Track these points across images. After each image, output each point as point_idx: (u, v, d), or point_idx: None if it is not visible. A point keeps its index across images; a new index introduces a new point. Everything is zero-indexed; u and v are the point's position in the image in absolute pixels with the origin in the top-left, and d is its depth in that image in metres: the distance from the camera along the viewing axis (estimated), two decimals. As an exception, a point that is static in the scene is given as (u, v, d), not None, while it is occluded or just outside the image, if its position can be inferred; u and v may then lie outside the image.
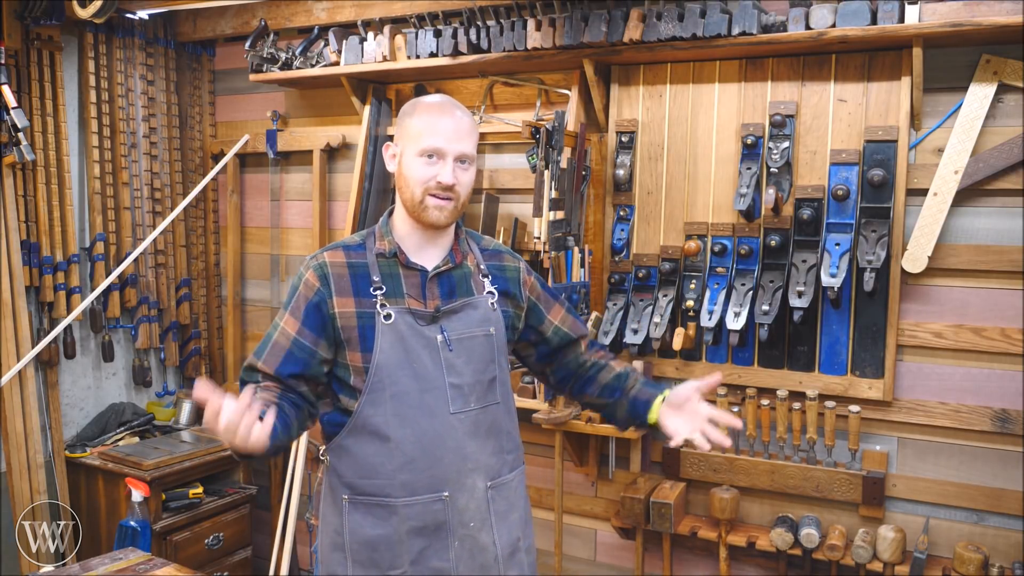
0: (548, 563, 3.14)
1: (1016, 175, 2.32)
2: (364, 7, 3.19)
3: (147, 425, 3.52)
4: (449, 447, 1.66)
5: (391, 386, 1.63)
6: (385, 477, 1.65)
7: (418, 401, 1.64)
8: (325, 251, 1.71)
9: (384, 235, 1.71)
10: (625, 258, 2.82)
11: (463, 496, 1.69)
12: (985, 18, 2.16)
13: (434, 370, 1.66)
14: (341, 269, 1.68)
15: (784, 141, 2.53)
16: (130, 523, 2.93)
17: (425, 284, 1.69)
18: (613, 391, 1.85)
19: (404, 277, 1.69)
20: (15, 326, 3.06)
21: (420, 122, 1.66)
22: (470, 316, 1.71)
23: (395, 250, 1.69)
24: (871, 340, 2.50)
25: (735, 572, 2.77)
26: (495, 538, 1.72)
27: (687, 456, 2.77)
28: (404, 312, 1.66)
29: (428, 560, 1.66)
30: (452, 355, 1.67)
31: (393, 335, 1.64)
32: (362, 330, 1.64)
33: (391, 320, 1.64)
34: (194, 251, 3.77)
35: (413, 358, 1.65)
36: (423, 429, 1.64)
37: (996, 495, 2.42)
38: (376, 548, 1.66)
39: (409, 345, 1.65)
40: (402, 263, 1.69)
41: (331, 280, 1.66)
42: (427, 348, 1.66)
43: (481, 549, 1.71)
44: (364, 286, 1.66)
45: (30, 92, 3.12)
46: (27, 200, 3.13)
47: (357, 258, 1.69)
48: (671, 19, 2.49)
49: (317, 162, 3.47)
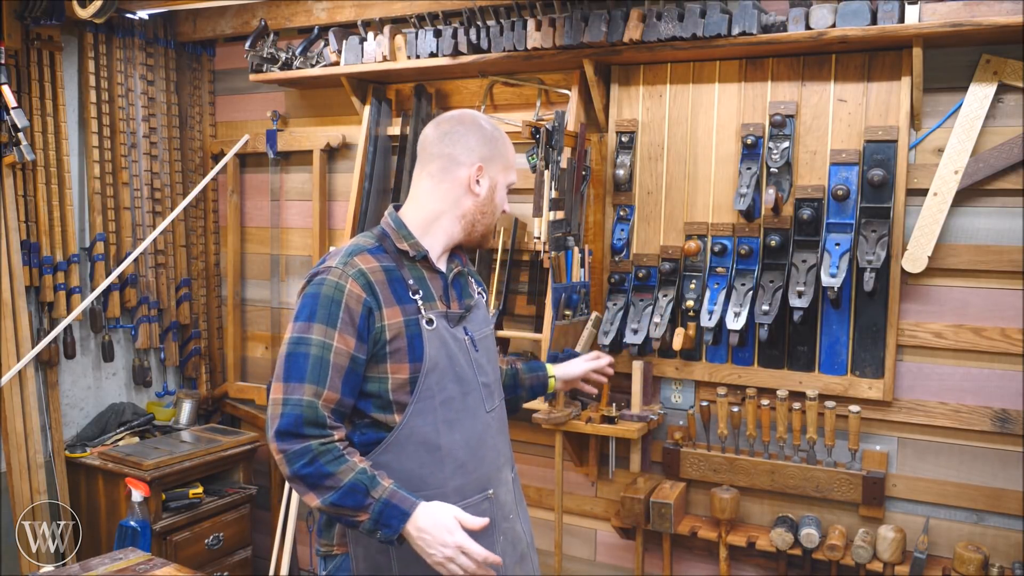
0: (548, 563, 3.14)
1: (1016, 175, 2.32)
2: (364, 7, 3.19)
3: (147, 425, 3.52)
4: (489, 445, 1.70)
5: (440, 392, 1.60)
6: (435, 487, 1.61)
7: (462, 405, 1.63)
8: (354, 256, 1.59)
9: (405, 237, 1.65)
10: (625, 258, 2.82)
11: (502, 490, 1.73)
12: (985, 18, 2.16)
13: (469, 371, 1.66)
14: (380, 275, 1.58)
15: (784, 141, 2.53)
16: (130, 523, 2.93)
17: (447, 287, 1.69)
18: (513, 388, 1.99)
19: (430, 280, 1.66)
20: (15, 326, 3.06)
21: (510, 154, 1.71)
22: (479, 316, 1.75)
23: (424, 253, 1.65)
24: (871, 340, 2.50)
25: (735, 572, 2.77)
26: (522, 525, 1.79)
27: (687, 456, 2.77)
28: (440, 316, 1.63)
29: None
30: (479, 355, 1.69)
31: (438, 341, 1.61)
32: (411, 339, 1.58)
33: (433, 325, 1.60)
34: (194, 251, 3.77)
35: (454, 362, 1.63)
36: (469, 432, 1.64)
37: (996, 495, 2.42)
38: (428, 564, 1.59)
39: (451, 349, 1.63)
40: (428, 266, 1.67)
41: (376, 289, 1.57)
42: (461, 350, 1.65)
43: (518, 538, 1.76)
44: (402, 291, 1.60)
45: (30, 92, 3.12)
46: (27, 200, 3.13)
47: (386, 262, 1.62)
48: (671, 19, 2.49)
49: (317, 162, 3.47)
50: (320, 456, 1.47)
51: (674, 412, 2.86)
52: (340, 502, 1.47)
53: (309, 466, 1.47)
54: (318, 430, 1.49)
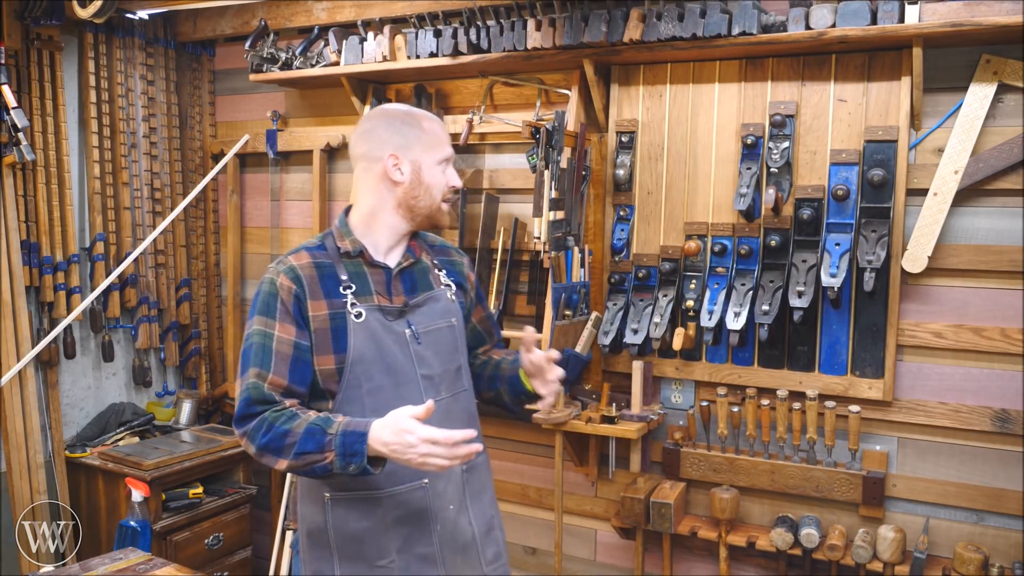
0: (548, 563, 3.15)
1: (1016, 175, 2.32)
2: (364, 7, 3.20)
3: (147, 425, 3.52)
4: None
5: (366, 382, 1.66)
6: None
7: (394, 395, 1.67)
8: (290, 255, 1.72)
9: (345, 235, 1.74)
10: (625, 258, 2.82)
11: (441, 481, 1.74)
12: (985, 18, 2.16)
13: (405, 363, 1.70)
14: (310, 271, 1.68)
15: (784, 141, 2.53)
16: (130, 523, 2.93)
17: (390, 281, 1.75)
18: (494, 380, 1.92)
19: (370, 275, 1.73)
20: (15, 326, 3.06)
21: (430, 132, 1.75)
22: (433, 309, 1.78)
23: (360, 249, 1.73)
24: (871, 340, 2.50)
25: (735, 572, 2.77)
26: (471, 518, 1.79)
27: (687, 456, 2.77)
28: (374, 309, 1.70)
29: (413, 547, 1.70)
30: (421, 347, 1.73)
31: (365, 333, 1.67)
32: (335, 331, 1.66)
33: (362, 318, 1.67)
34: (194, 251, 3.77)
35: (385, 353, 1.68)
36: None
37: (996, 495, 2.42)
38: (362, 541, 1.69)
39: (380, 341, 1.68)
40: (367, 261, 1.74)
41: (304, 283, 1.67)
42: (397, 343, 1.70)
43: (461, 531, 1.77)
44: (333, 286, 1.68)
45: (30, 92, 3.12)
46: (27, 200, 3.13)
47: (323, 258, 1.71)
48: (671, 19, 2.49)
49: (317, 162, 3.47)
50: (275, 421, 1.57)
51: (674, 412, 2.86)
52: (303, 449, 1.54)
53: (267, 433, 1.56)
54: (267, 406, 1.59)
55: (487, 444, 1.88)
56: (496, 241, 3.05)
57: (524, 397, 1.86)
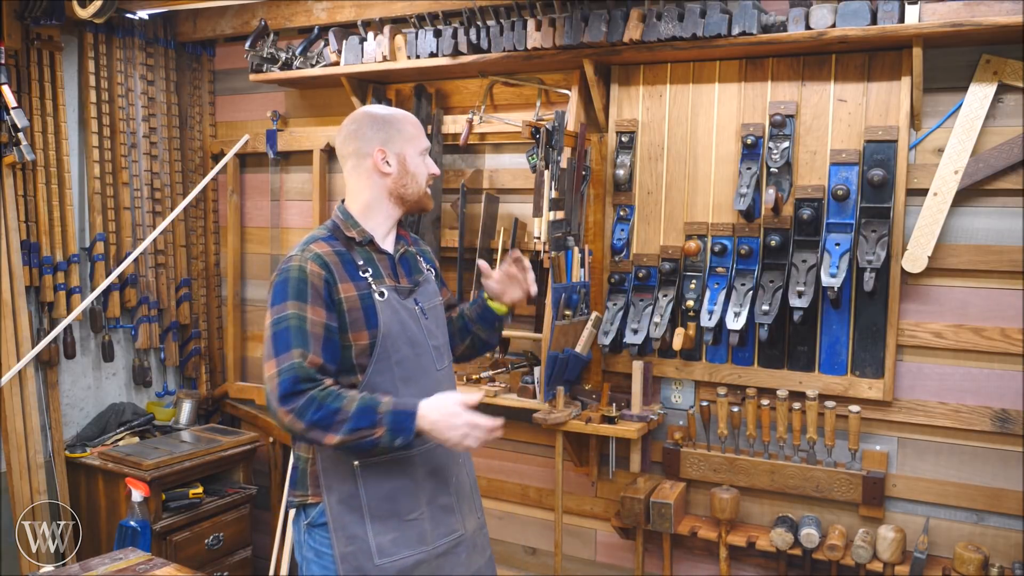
0: (548, 563, 3.15)
1: (1016, 175, 2.32)
2: (364, 7, 3.20)
3: (147, 425, 3.52)
4: None
5: (395, 353, 1.83)
6: None
7: (416, 364, 1.87)
8: (311, 244, 1.83)
9: (352, 225, 1.88)
10: (625, 258, 2.82)
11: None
12: (985, 18, 2.16)
13: (420, 335, 1.90)
14: (333, 258, 1.81)
15: (784, 141, 2.53)
16: (130, 523, 2.93)
17: (394, 265, 1.93)
18: (465, 330, 2.13)
19: (378, 260, 1.89)
20: (15, 326, 3.06)
21: (410, 127, 1.93)
22: (427, 290, 1.98)
23: (370, 237, 1.88)
24: (871, 340, 2.51)
25: (735, 572, 2.77)
26: (468, 472, 2.03)
27: (687, 456, 2.77)
28: (391, 289, 1.87)
29: (437, 498, 1.89)
30: (428, 322, 1.93)
31: (390, 309, 1.84)
32: (366, 310, 1.81)
33: (384, 297, 1.84)
34: (194, 251, 3.77)
35: (406, 327, 1.86)
36: (423, 385, 1.86)
37: (996, 495, 2.42)
38: (395, 499, 1.83)
39: (401, 317, 1.86)
40: (375, 248, 1.90)
41: (332, 268, 1.79)
42: (412, 318, 1.89)
43: (462, 483, 1.98)
44: (353, 271, 1.83)
45: (30, 92, 3.12)
46: (27, 200, 3.13)
47: (338, 247, 1.85)
48: (671, 19, 2.49)
49: (317, 162, 3.47)
50: (324, 400, 1.68)
51: (674, 412, 2.86)
52: (357, 425, 1.67)
53: (319, 411, 1.67)
54: (313, 383, 1.70)
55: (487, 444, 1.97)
56: (496, 241, 3.05)
57: (499, 322, 2.11)
